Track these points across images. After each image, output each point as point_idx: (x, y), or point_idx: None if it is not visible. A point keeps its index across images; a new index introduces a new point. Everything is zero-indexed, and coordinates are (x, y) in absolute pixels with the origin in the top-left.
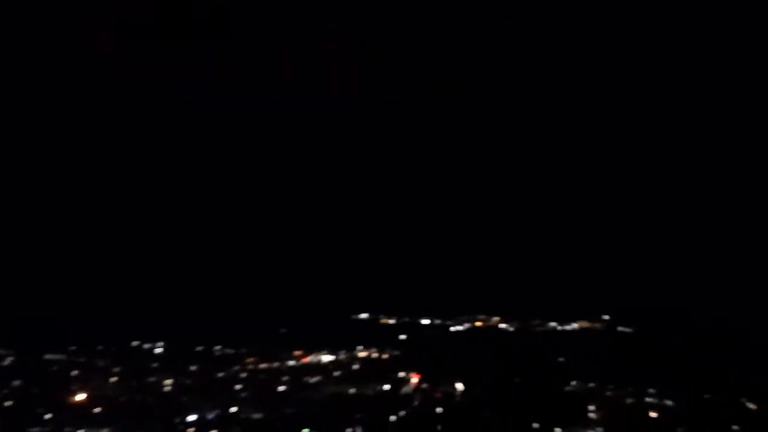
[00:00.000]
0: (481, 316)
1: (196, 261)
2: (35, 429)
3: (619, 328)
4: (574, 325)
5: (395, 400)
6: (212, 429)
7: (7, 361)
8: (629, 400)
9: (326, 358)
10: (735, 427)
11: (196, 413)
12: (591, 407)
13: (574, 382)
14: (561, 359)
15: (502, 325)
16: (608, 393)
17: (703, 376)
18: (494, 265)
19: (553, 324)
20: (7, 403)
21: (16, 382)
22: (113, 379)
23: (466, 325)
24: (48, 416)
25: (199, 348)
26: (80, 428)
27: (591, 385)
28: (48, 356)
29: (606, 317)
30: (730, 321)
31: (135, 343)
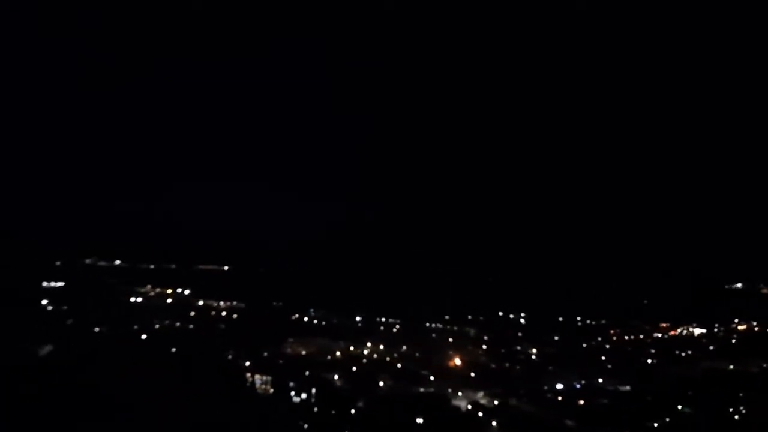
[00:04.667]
0: None
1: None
2: (420, 388)
3: None
4: None
5: None
6: (579, 399)
7: (395, 328)
8: None
9: (697, 331)
10: None
11: (562, 382)
12: None
13: None
14: None
15: None
16: None
17: None
18: None
19: None
20: (399, 366)
21: (404, 348)
22: (483, 347)
23: None
24: (432, 378)
25: (560, 318)
26: (459, 390)
27: None
28: (427, 324)
29: None
30: None
31: (500, 313)
